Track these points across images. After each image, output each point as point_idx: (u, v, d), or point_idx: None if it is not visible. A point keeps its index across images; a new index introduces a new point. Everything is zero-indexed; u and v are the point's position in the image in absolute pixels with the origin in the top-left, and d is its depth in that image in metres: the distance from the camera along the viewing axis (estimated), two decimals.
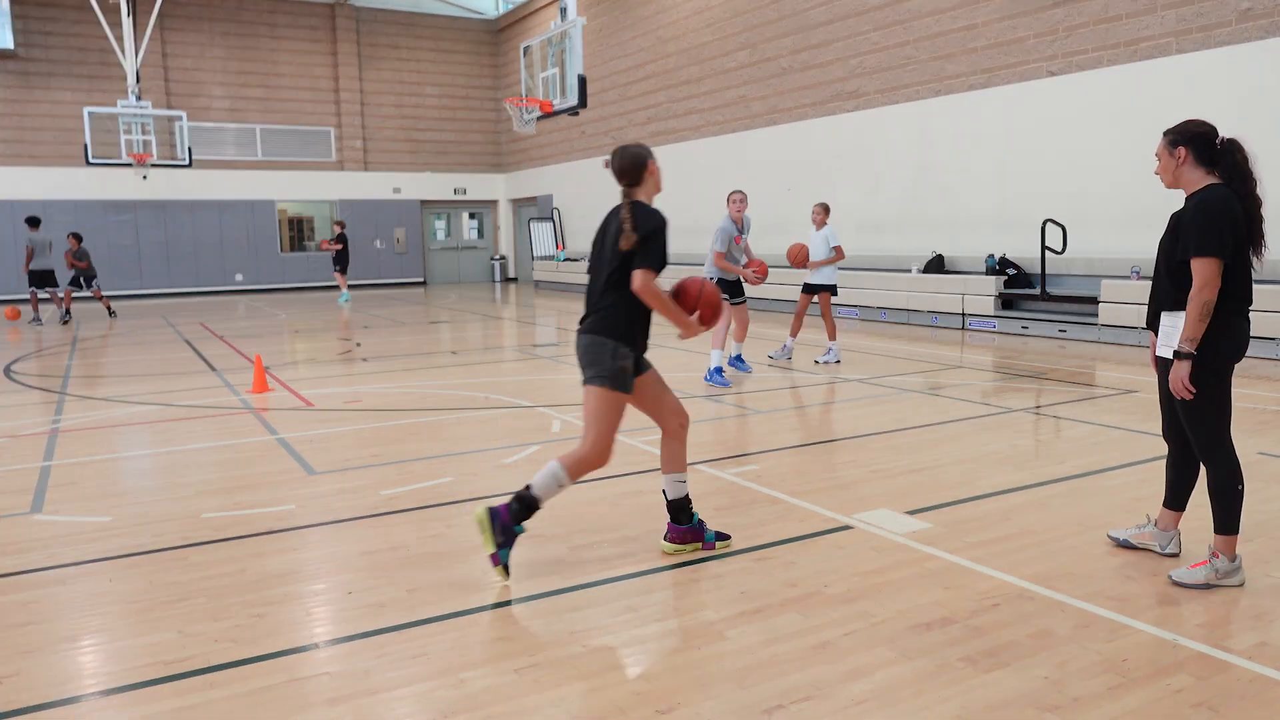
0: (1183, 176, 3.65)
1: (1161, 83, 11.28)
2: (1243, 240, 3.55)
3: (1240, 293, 3.57)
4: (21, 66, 22.91)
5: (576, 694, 2.91)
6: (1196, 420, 3.64)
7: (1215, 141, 3.59)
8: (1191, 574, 3.68)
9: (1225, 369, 3.60)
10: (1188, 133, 3.61)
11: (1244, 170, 3.56)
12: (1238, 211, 3.52)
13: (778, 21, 17.34)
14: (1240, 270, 3.56)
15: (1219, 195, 3.53)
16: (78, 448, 6.61)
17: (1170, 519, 3.96)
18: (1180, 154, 3.62)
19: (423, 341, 13.37)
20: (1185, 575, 3.69)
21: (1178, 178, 3.67)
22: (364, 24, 26.98)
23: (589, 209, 24.64)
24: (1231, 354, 3.60)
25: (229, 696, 2.93)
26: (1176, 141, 3.63)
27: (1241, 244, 3.55)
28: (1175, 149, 3.63)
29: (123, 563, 4.19)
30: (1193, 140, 3.59)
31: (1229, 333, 3.56)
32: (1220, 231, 3.46)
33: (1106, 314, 11.29)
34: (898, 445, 6.17)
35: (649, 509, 4.83)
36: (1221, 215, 3.47)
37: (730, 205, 8.77)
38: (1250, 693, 2.84)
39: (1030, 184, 12.95)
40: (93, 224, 23.54)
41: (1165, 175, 3.71)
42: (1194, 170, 3.61)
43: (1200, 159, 3.60)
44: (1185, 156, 3.62)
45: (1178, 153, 3.63)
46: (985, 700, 2.81)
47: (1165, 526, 3.97)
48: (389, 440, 6.63)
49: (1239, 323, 3.59)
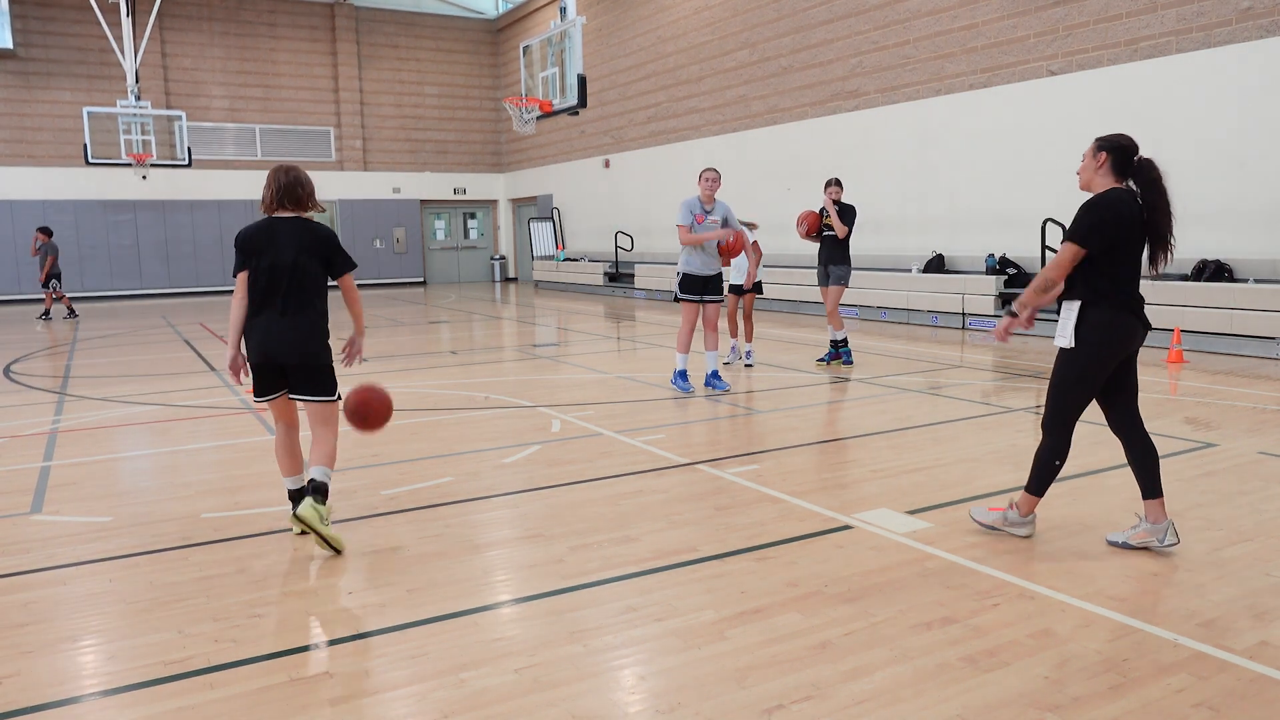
0: (1096, 180, 3.95)
1: (1161, 82, 11.28)
2: (1122, 243, 3.82)
3: (1120, 291, 3.86)
4: (21, 66, 22.91)
5: (576, 694, 2.91)
6: (1056, 391, 4.00)
7: (1133, 157, 3.89)
8: (988, 515, 4.27)
9: (1102, 358, 3.88)
10: (1114, 142, 3.91)
11: (1158, 186, 3.84)
12: (1126, 216, 3.81)
13: (778, 21, 17.34)
14: (1122, 272, 3.85)
15: (1111, 197, 3.84)
16: (78, 448, 6.61)
17: (1156, 510, 4.04)
18: (1102, 158, 3.91)
19: (422, 341, 13.37)
20: (982, 514, 4.30)
21: (1091, 181, 3.96)
22: (364, 24, 26.98)
23: (589, 209, 24.64)
24: (1111, 346, 3.87)
25: (229, 696, 2.93)
26: (1102, 147, 3.91)
27: (1119, 246, 3.82)
28: (1099, 153, 3.92)
29: (123, 563, 4.19)
30: (1116, 149, 3.89)
31: (1111, 327, 3.85)
32: (1093, 225, 3.78)
33: None
34: (898, 445, 6.17)
35: (649, 509, 4.83)
36: (1105, 212, 3.79)
37: (701, 183, 8.16)
38: (1250, 693, 2.84)
39: (1030, 184, 12.95)
40: (92, 224, 23.56)
41: (1082, 175, 4.00)
42: (1106, 177, 3.92)
43: (1115, 168, 3.90)
44: (1105, 161, 3.91)
45: (1100, 156, 3.91)
46: (985, 700, 2.81)
47: (1155, 519, 4.04)
48: (389, 440, 6.63)
49: (1122, 319, 3.87)
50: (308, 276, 4.47)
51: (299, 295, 4.46)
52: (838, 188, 9.57)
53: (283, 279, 4.40)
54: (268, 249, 4.42)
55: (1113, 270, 3.84)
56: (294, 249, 4.43)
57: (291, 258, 4.42)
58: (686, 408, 7.68)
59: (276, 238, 4.44)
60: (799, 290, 16.33)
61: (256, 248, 4.44)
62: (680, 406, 7.73)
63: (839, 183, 9.61)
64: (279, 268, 4.41)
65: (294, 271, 4.43)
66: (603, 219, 23.42)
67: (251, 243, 4.44)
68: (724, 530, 4.46)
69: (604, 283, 22.46)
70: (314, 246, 4.47)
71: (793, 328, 13.85)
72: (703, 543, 4.28)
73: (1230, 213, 10.72)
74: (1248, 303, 9.94)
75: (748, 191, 18.10)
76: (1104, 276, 3.85)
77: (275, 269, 4.41)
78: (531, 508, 4.95)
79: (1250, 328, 9.86)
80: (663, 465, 5.74)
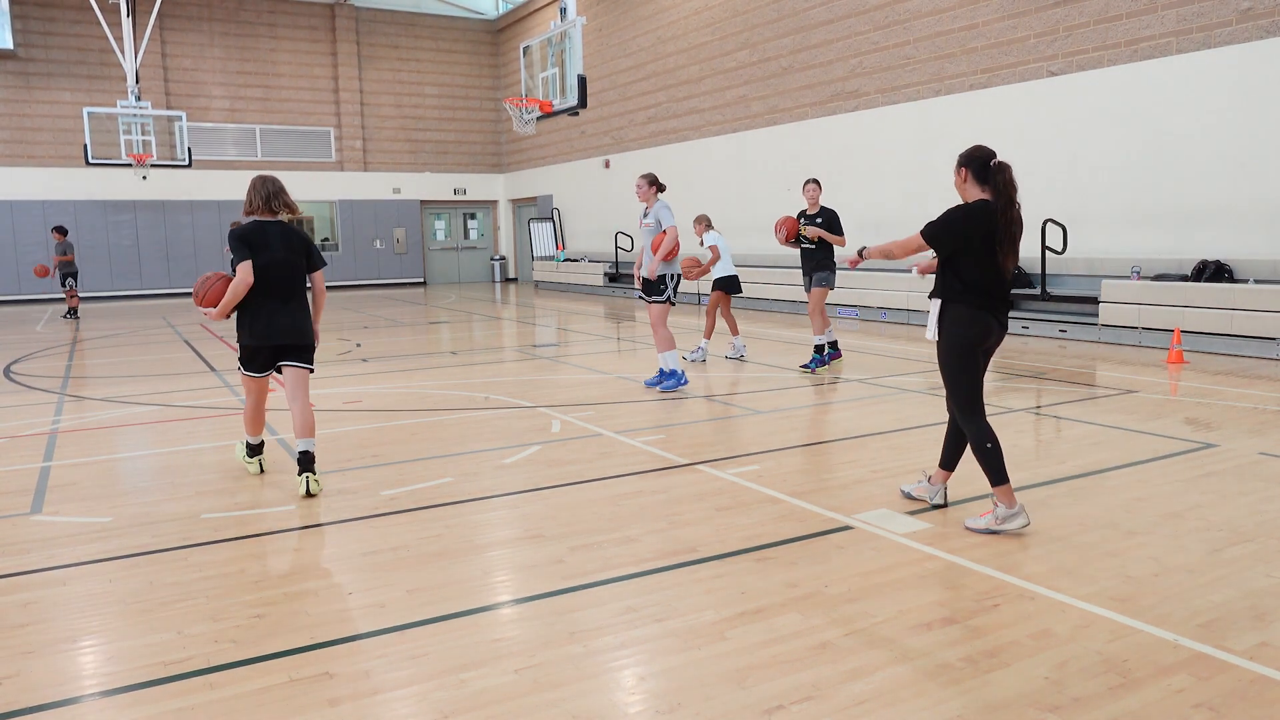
0: (966, 192, 4.31)
1: (1161, 83, 11.28)
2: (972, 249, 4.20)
3: (975, 292, 4.23)
4: (21, 67, 22.91)
5: (576, 694, 2.91)
6: (952, 391, 4.37)
7: (988, 164, 4.22)
8: (980, 520, 4.34)
9: (969, 351, 4.28)
10: (969, 155, 4.26)
11: (1006, 190, 4.19)
12: (977, 225, 4.17)
13: (778, 21, 17.34)
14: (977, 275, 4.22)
15: (969, 207, 4.23)
16: (78, 448, 6.61)
17: (941, 476, 4.68)
18: (964, 173, 4.27)
19: (423, 342, 13.38)
20: (974, 522, 4.36)
21: (964, 195, 4.32)
22: (364, 24, 26.98)
23: (589, 209, 24.64)
24: (970, 338, 4.26)
25: (229, 697, 2.93)
26: (961, 163, 4.27)
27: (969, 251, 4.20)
28: (960, 169, 4.28)
29: (123, 563, 4.19)
30: (972, 161, 4.24)
31: (968, 322, 4.25)
32: (942, 226, 4.22)
33: (1107, 314, 11.29)
34: (898, 445, 6.17)
35: (649, 509, 4.83)
36: (957, 217, 4.20)
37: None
38: (1250, 693, 2.84)
39: (1030, 184, 12.85)
40: (93, 224, 23.56)
41: (959, 190, 4.36)
42: (973, 187, 4.27)
43: (977, 178, 4.25)
44: (966, 175, 4.27)
45: (962, 172, 4.28)
46: (985, 700, 2.81)
47: (935, 482, 4.70)
48: (389, 441, 6.63)
49: (981, 315, 4.25)
50: (297, 271, 5.23)
51: (293, 287, 5.21)
52: (816, 187, 9.44)
53: (278, 274, 5.13)
54: (263, 248, 5.09)
55: (967, 273, 4.23)
56: (284, 248, 5.16)
57: (284, 256, 5.15)
58: (686, 408, 7.68)
59: (269, 239, 5.14)
60: (799, 290, 16.31)
61: (255, 246, 5.08)
62: (680, 407, 7.73)
63: (818, 183, 9.49)
64: (275, 265, 5.12)
65: (287, 268, 5.16)
66: (603, 219, 23.41)
67: (250, 240, 5.08)
68: (724, 531, 4.46)
69: (604, 283, 22.47)
70: (299, 246, 5.25)
71: (793, 328, 13.85)
72: (703, 543, 4.28)
73: (1230, 213, 10.72)
74: (1248, 303, 9.94)
75: (748, 191, 18.10)
76: (959, 278, 4.25)
77: (271, 266, 5.10)
78: (531, 508, 4.95)
79: (1250, 328, 9.86)
80: (663, 465, 5.74)
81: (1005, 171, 4.20)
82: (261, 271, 5.08)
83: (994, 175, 4.20)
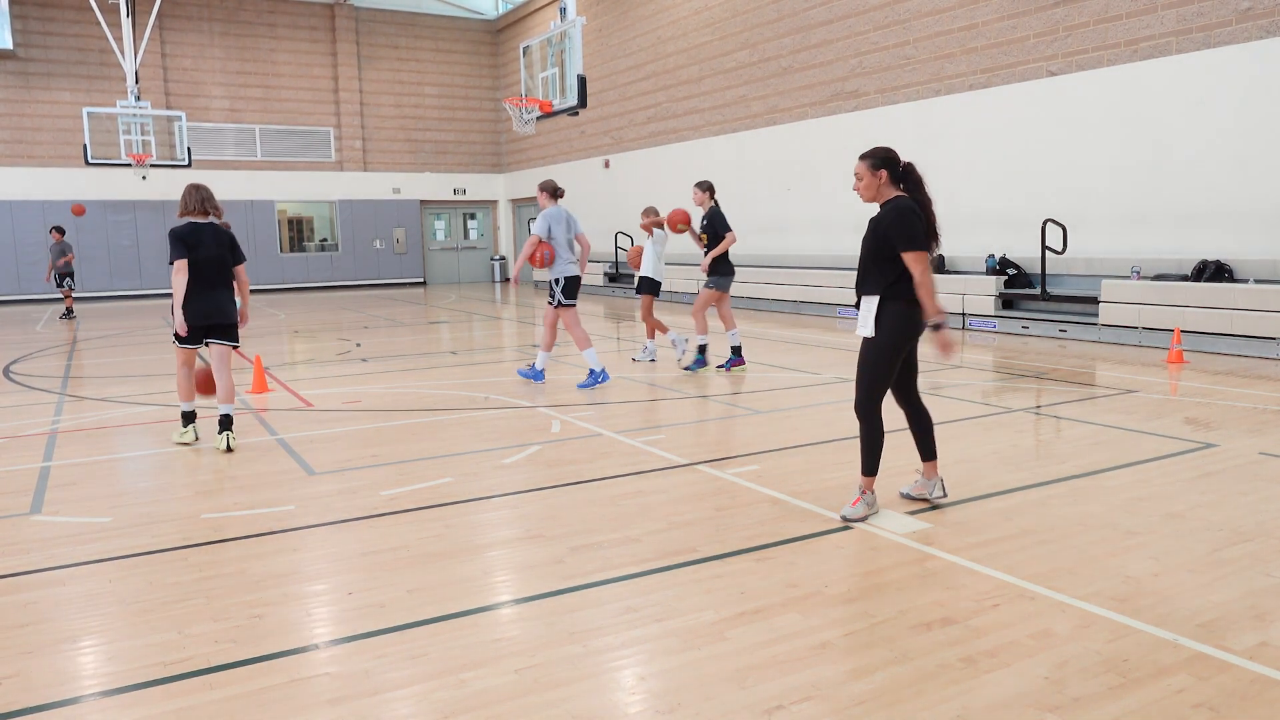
0: (882, 193, 4.49)
1: (1161, 83, 11.28)
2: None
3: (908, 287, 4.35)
4: (21, 67, 22.91)
5: (576, 694, 2.91)
6: (866, 376, 4.49)
7: (899, 164, 4.47)
8: (853, 509, 4.54)
9: (898, 344, 4.43)
10: (884, 157, 4.45)
11: (922, 186, 4.46)
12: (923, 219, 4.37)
13: (778, 21, 17.34)
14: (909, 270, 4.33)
15: (908, 204, 4.39)
16: (77, 448, 6.62)
17: (931, 469, 4.77)
18: (882, 175, 4.45)
19: (422, 342, 13.37)
20: (849, 510, 4.55)
21: (877, 194, 4.49)
22: (363, 24, 26.97)
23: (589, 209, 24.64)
24: (904, 333, 4.41)
25: (229, 697, 2.93)
26: (878, 165, 4.44)
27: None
28: (878, 170, 4.45)
29: (123, 563, 4.19)
30: (889, 163, 4.45)
31: (905, 317, 4.39)
32: (915, 229, 4.33)
33: (1107, 314, 11.29)
34: (898, 445, 6.16)
35: (649, 509, 4.83)
36: (915, 219, 4.35)
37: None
38: (1250, 693, 2.84)
39: (1030, 184, 12.95)
40: (93, 224, 23.55)
41: (867, 191, 4.51)
42: (889, 187, 4.47)
43: (893, 178, 4.47)
44: (885, 177, 4.46)
45: (880, 173, 4.45)
46: (985, 700, 2.81)
47: (929, 475, 4.78)
48: (389, 441, 6.63)
49: (914, 311, 4.40)
50: (224, 264, 6.44)
51: (222, 277, 6.45)
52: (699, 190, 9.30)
53: (209, 267, 6.34)
54: (199, 245, 6.28)
55: (903, 268, 4.35)
56: (215, 245, 6.37)
57: (216, 252, 6.36)
58: (686, 408, 7.69)
59: (203, 237, 6.33)
60: (799, 291, 16.33)
61: (191, 244, 6.25)
62: (680, 407, 7.73)
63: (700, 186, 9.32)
64: (207, 259, 6.31)
65: (217, 262, 6.37)
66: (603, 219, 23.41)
67: (187, 240, 6.25)
68: (724, 530, 4.46)
69: (604, 283, 22.47)
70: (226, 244, 6.47)
71: (793, 328, 13.85)
72: (703, 543, 4.28)
73: (1230, 213, 10.72)
74: (1248, 303, 9.94)
75: (748, 192, 18.11)
76: (896, 275, 4.37)
77: (204, 260, 6.30)
78: (531, 508, 4.95)
79: (1250, 328, 9.86)
80: (663, 466, 5.74)
81: (914, 169, 4.50)
82: (196, 265, 6.24)
83: (907, 177, 4.47)
